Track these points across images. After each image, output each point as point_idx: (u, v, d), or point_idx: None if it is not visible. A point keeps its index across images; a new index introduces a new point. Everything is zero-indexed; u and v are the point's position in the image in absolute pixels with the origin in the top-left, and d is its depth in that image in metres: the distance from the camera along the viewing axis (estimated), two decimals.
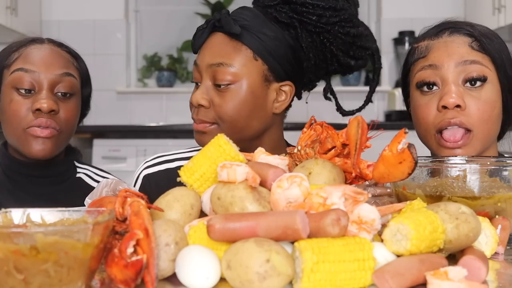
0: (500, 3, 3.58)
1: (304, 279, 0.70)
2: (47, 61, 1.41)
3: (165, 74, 4.27)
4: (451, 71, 1.25)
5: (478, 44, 1.26)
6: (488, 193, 0.97)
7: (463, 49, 1.26)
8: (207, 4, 4.31)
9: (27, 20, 3.90)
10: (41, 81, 1.39)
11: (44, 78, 1.39)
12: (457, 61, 1.25)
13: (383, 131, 0.98)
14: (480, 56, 1.26)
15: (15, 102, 1.38)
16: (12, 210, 0.78)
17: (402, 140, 0.83)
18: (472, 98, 1.24)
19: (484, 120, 1.25)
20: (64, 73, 1.42)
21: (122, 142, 3.72)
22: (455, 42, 1.28)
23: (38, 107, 1.37)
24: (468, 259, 0.77)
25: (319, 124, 1.04)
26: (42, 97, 1.37)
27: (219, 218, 0.76)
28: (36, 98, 1.38)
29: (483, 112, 1.24)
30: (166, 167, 1.46)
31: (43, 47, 1.44)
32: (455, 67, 1.25)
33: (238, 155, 0.92)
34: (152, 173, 1.45)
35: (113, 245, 0.75)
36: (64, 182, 1.48)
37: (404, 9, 4.23)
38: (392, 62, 4.23)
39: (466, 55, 1.25)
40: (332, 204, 0.77)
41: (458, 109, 1.24)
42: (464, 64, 1.25)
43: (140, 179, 1.46)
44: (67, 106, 1.42)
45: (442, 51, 1.27)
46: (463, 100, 1.24)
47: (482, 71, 1.25)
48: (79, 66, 1.49)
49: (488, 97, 1.25)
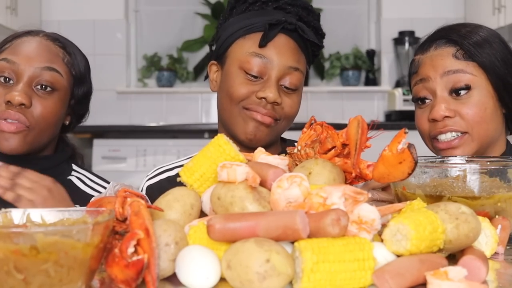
0: (500, 3, 3.58)
1: (304, 279, 0.70)
2: (30, 54, 1.38)
3: (165, 74, 4.27)
4: (438, 83, 1.35)
5: (462, 52, 1.34)
6: (488, 193, 0.97)
7: (447, 61, 1.35)
8: (207, 4, 4.31)
9: (27, 20, 3.89)
10: (20, 73, 1.36)
11: (24, 70, 1.36)
12: (441, 73, 1.35)
13: (383, 131, 0.98)
14: (463, 64, 1.34)
15: None
16: (12, 210, 0.78)
17: (402, 140, 0.83)
18: (461, 105, 1.33)
19: (477, 121, 1.33)
20: (46, 67, 1.38)
21: (122, 142, 3.72)
22: (440, 54, 1.37)
23: (8, 99, 1.33)
24: (468, 259, 0.77)
25: (319, 124, 1.04)
26: (16, 90, 1.34)
27: (219, 218, 0.76)
28: (10, 90, 1.35)
29: (474, 115, 1.33)
30: (167, 176, 1.49)
31: (34, 40, 1.42)
32: (440, 78, 1.35)
33: (238, 155, 0.92)
34: (154, 183, 1.49)
35: (114, 245, 0.75)
36: (58, 177, 1.38)
37: (404, 9, 4.23)
38: (392, 62, 4.23)
39: (449, 66, 1.34)
40: (332, 204, 0.77)
41: (448, 119, 1.33)
42: (448, 74, 1.34)
43: (143, 191, 1.50)
44: (45, 102, 1.37)
45: (428, 65, 1.37)
46: (452, 110, 1.33)
47: (466, 79, 1.33)
48: (71, 63, 1.45)
49: (477, 100, 1.33)
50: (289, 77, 1.38)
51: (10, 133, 1.33)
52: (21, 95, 1.33)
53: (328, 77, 4.29)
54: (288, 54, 1.39)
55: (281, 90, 1.39)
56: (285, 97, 1.39)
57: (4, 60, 1.37)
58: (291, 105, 1.40)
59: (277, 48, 1.38)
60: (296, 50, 1.41)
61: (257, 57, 1.38)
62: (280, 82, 1.39)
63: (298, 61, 1.40)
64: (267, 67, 1.38)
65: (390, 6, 4.25)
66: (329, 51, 4.26)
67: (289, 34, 1.40)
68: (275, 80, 1.37)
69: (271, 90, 1.36)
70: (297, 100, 1.42)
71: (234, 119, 1.40)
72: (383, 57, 4.25)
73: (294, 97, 1.41)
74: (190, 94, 4.32)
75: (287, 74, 1.38)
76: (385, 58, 4.25)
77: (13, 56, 1.37)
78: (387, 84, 4.23)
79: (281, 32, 1.39)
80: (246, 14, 1.45)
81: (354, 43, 4.30)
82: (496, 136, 1.37)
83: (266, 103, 1.37)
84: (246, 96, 1.38)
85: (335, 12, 4.32)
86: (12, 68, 1.36)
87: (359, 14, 4.40)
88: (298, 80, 1.40)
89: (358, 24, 4.36)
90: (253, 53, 1.38)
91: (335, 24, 4.19)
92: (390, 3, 4.24)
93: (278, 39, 1.39)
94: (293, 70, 1.39)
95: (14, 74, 1.36)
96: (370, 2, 4.41)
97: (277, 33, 1.38)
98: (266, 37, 1.37)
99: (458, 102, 1.33)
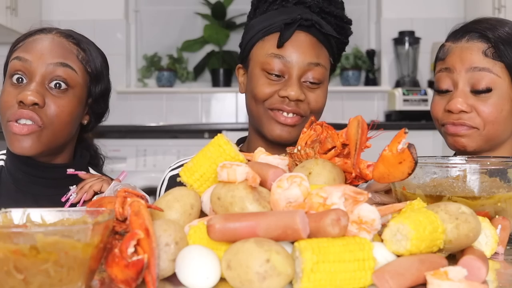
0: (500, 3, 3.59)
1: (304, 279, 0.70)
2: (43, 51, 1.34)
3: (165, 74, 4.27)
4: (462, 76, 1.35)
5: (492, 51, 1.34)
6: (488, 193, 0.97)
7: (476, 56, 1.35)
8: (207, 4, 4.31)
9: (27, 20, 3.89)
10: (33, 71, 1.32)
11: (36, 67, 1.32)
12: (467, 68, 1.35)
13: (383, 131, 0.98)
14: (491, 63, 1.33)
15: (6, 92, 1.33)
16: (12, 210, 0.78)
17: (402, 140, 0.83)
18: (479, 102, 1.34)
19: (489, 121, 1.34)
20: (59, 63, 1.34)
21: (122, 142, 3.72)
22: (470, 48, 1.36)
23: (21, 99, 1.29)
24: (468, 259, 0.77)
25: (319, 124, 1.04)
26: (29, 89, 1.30)
27: (219, 218, 0.76)
28: (23, 89, 1.31)
29: (488, 115, 1.33)
30: None
31: (46, 37, 1.38)
32: (465, 73, 1.35)
33: (238, 155, 0.92)
34: (177, 173, 1.49)
35: (113, 245, 0.75)
36: (66, 187, 1.39)
37: (404, 9, 4.23)
38: (392, 62, 4.23)
39: (477, 62, 1.34)
40: (332, 204, 0.77)
41: (463, 113, 1.34)
42: (474, 70, 1.34)
43: (165, 181, 1.54)
44: (59, 100, 1.33)
45: (457, 56, 1.37)
46: (469, 105, 1.34)
47: (489, 80, 1.33)
48: (87, 60, 1.42)
49: (495, 101, 1.34)
50: (311, 73, 1.41)
51: (22, 135, 1.30)
52: (34, 94, 1.29)
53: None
54: (307, 50, 1.41)
55: (304, 87, 1.41)
56: (309, 92, 1.42)
57: (17, 59, 1.34)
58: (316, 99, 1.42)
59: (295, 47, 1.40)
60: (315, 45, 1.42)
61: (276, 58, 1.40)
62: (303, 79, 1.41)
63: (318, 56, 1.42)
64: (287, 66, 1.40)
65: (390, 6, 4.24)
66: None
67: (307, 30, 1.42)
68: (297, 78, 1.40)
69: (292, 88, 1.38)
70: (322, 94, 1.44)
71: (260, 120, 1.44)
72: (383, 57, 4.25)
73: (319, 92, 1.43)
74: (190, 94, 4.32)
75: (308, 70, 1.40)
76: (385, 58, 4.24)
77: (25, 54, 1.34)
78: (387, 84, 4.23)
79: (299, 30, 1.41)
80: (267, 14, 1.48)
81: (354, 43, 4.30)
82: (504, 138, 1.38)
83: (289, 102, 1.39)
84: (269, 96, 1.41)
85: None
86: (25, 66, 1.33)
87: (359, 14, 4.40)
88: (321, 74, 1.42)
89: (358, 24, 4.36)
90: (272, 54, 1.41)
91: None
92: (390, 3, 4.24)
93: (296, 37, 1.41)
94: (314, 66, 1.41)
95: (26, 72, 1.33)
96: (370, 2, 4.41)
97: (293, 32, 1.40)
98: (282, 37, 1.40)
99: (477, 98, 1.34)
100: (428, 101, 3.75)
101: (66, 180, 1.40)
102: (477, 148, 1.35)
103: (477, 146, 1.35)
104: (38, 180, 1.40)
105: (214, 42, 4.27)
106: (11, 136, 1.31)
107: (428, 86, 4.07)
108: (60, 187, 1.40)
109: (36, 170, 1.40)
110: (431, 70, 4.17)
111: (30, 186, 1.39)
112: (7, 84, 1.35)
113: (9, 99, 1.32)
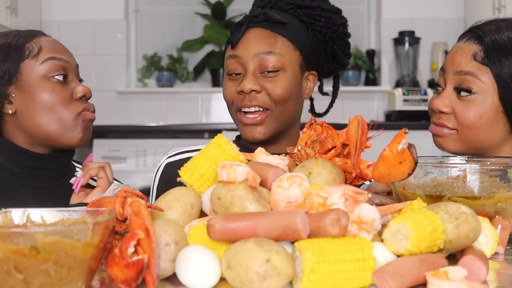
0: (500, 3, 3.59)
1: (304, 279, 0.70)
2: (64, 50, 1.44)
3: (165, 74, 4.27)
4: (449, 78, 1.36)
5: (482, 55, 1.31)
6: (488, 193, 0.97)
7: (464, 59, 1.34)
8: (207, 4, 4.31)
9: (27, 20, 3.88)
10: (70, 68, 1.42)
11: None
12: (455, 70, 1.35)
13: (383, 131, 0.98)
14: (477, 68, 1.31)
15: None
16: (12, 210, 0.78)
17: (402, 140, 0.83)
18: (459, 106, 1.33)
19: (466, 125, 1.32)
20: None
21: (122, 142, 3.72)
22: (463, 49, 1.35)
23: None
24: (468, 259, 0.77)
25: (319, 124, 1.04)
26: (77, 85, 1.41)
27: (219, 218, 0.76)
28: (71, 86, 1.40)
29: (465, 119, 1.32)
30: (188, 156, 1.50)
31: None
32: (453, 75, 1.35)
33: (238, 155, 0.92)
34: (174, 161, 1.52)
35: (114, 245, 0.75)
36: (64, 177, 1.44)
37: (404, 9, 4.23)
38: (392, 62, 4.23)
39: (464, 66, 1.33)
40: (332, 204, 0.77)
41: (442, 114, 1.35)
42: (459, 74, 1.33)
43: (161, 168, 1.53)
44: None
45: (450, 57, 1.38)
46: (451, 107, 1.34)
47: (472, 84, 1.31)
48: None
49: (475, 107, 1.32)
50: (265, 62, 1.41)
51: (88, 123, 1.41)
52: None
53: (328, 77, 4.28)
54: (257, 43, 1.42)
55: (261, 78, 1.42)
56: (266, 82, 1.41)
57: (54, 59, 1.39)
58: (273, 87, 1.41)
59: (245, 42, 1.43)
60: (267, 36, 1.43)
61: (231, 59, 1.45)
62: (260, 71, 1.42)
63: (270, 45, 1.42)
64: (241, 63, 1.43)
65: (390, 6, 4.24)
66: None
67: (258, 25, 1.44)
68: (252, 71, 1.41)
69: (246, 81, 1.40)
70: (281, 81, 1.42)
71: (236, 125, 1.48)
72: (383, 57, 4.25)
73: (277, 80, 1.42)
74: (190, 94, 4.32)
75: (261, 60, 1.41)
76: (385, 58, 4.25)
77: (58, 54, 1.41)
78: (387, 84, 4.23)
79: (252, 27, 1.44)
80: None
81: (354, 43, 4.29)
82: (491, 145, 1.34)
83: (248, 96, 1.41)
84: (232, 95, 1.44)
85: None
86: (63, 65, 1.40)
87: (359, 14, 4.40)
88: (276, 62, 1.41)
89: (358, 24, 4.36)
90: (228, 56, 1.46)
91: None
92: (390, 3, 4.24)
93: (247, 34, 1.44)
94: (266, 55, 1.41)
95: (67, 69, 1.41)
96: (370, 2, 4.41)
97: (244, 30, 1.44)
98: (233, 37, 1.45)
99: (459, 101, 1.33)
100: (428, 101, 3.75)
101: (64, 169, 1.46)
102: (459, 151, 1.34)
103: (458, 149, 1.34)
104: (37, 172, 1.41)
105: (214, 42, 4.27)
106: (80, 128, 1.40)
107: (428, 86, 4.07)
108: (58, 177, 1.43)
109: (35, 162, 1.41)
110: (431, 70, 4.17)
111: (29, 179, 1.40)
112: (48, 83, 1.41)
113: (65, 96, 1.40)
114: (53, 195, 1.39)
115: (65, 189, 1.40)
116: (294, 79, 1.45)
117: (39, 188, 1.40)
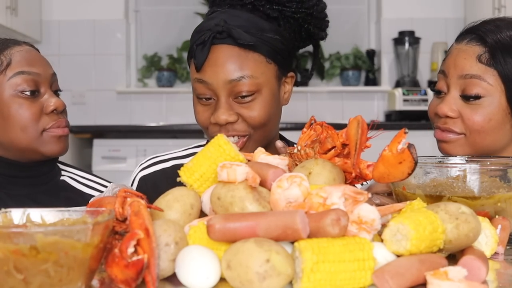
0: (500, 3, 3.59)
1: (304, 279, 0.70)
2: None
3: (165, 74, 4.28)
4: (453, 82, 1.32)
5: (487, 57, 1.28)
6: (488, 193, 0.97)
7: (469, 62, 1.30)
8: (207, 4, 4.31)
9: (27, 20, 3.90)
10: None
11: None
12: (459, 74, 1.31)
13: (383, 131, 0.98)
14: (483, 70, 1.28)
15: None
16: (12, 210, 0.78)
17: (402, 140, 0.83)
18: (467, 110, 1.30)
19: (475, 130, 1.30)
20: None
21: (122, 142, 3.72)
22: (466, 52, 1.31)
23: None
24: (468, 259, 0.77)
25: (319, 124, 1.04)
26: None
27: (219, 218, 0.76)
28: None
29: (475, 123, 1.30)
30: (161, 167, 1.45)
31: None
32: (457, 79, 1.31)
33: (238, 155, 0.92)
34: (148, 174, 1.45)
35: (113, 245, 0.75)
36: (46, 184, 1.42)
37: (404, 9, 4.23)
38: (392, 62, 4.23)
39: (468, 69, 1.30)
40: (332, 204, 0.77)
41: (449, 118, 1.32)
42: (465, 78, 1.30)
43: (136, 181, 1.46)
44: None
45: (452, 60, 1.34)
46: (457, 111, 1.31)
47: (479, 88, 1.28)
48: None
49: (484, 110, 1.29)
50: (238, 88, 1.27)
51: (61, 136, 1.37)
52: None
53: (328, 77, 4.29)
54: (226, 66, 1.27)
55: (236, 105, 1.29)
56: (242, 109, 1.29)
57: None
58: (250, 114, 1.29)
59: (212, 66, 1.27)
60: (236, 55, 1.27)
61: (199, 83, 1.30)
62: (233, 97, 1.28)
63: (241, 67, 1.27)
64: (211, 89, 1.29)
65: (390, 6, 4.25)
66: (329, 51, 4.26)
67: (222, 42, 1.28)
68: (224, 98, 1.28)
69: (220, 111, 1.27)
70: (258, 106, 1.29)
71: None
72: (383, 57, 4.25)
73: (254, 104, 1.29)
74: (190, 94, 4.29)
75: (234, 87, 1.27)
76: (385, 58, 4.25)
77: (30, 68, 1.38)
78: (387, 84, 4.23)
79: (216, 43, 1.28)
80: (201, 23, 1.36)
81: (354, 43, 4.30)
82: (497, 148, 1.33)
83: (222, 126, 1.29)
84: (205, 122, 1.32)
85: (335, 12, 4.31)
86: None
87: (359, 14, 4.40)
88: (250, 85, 1.27)
89: (358, 24, 4.36)
90: (195, 79, 1.31)
91: (335, 24, 4.17)
92: (390, 3, 4.24)
93: (212, 53, 1.28)
94: (238, 80, 1.26)
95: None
96: (370, 2, 4.41)
97: (208, 52, 1.27)
98: (196, 61, 1.29)
99: (465, 105, 1.30)
100: (428, 101, 3.75)
101: (45, 176, 1.42)
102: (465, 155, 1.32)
103: (465, 154, 1.31)
104: (17, 180, 1.39)
105: None
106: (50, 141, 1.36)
107: (428, 86, 4.07)
108: (41, 184, 1.41)
109: (16, 170, 1.39)
110: (431, 70, 4.17)
111: (10, 187, 1.38)
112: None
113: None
114: (36, 202, 1.36)
115: (47, 196, 1.39)
116: (272, 96, 1.32)
117: (21, 196, 1.38)
